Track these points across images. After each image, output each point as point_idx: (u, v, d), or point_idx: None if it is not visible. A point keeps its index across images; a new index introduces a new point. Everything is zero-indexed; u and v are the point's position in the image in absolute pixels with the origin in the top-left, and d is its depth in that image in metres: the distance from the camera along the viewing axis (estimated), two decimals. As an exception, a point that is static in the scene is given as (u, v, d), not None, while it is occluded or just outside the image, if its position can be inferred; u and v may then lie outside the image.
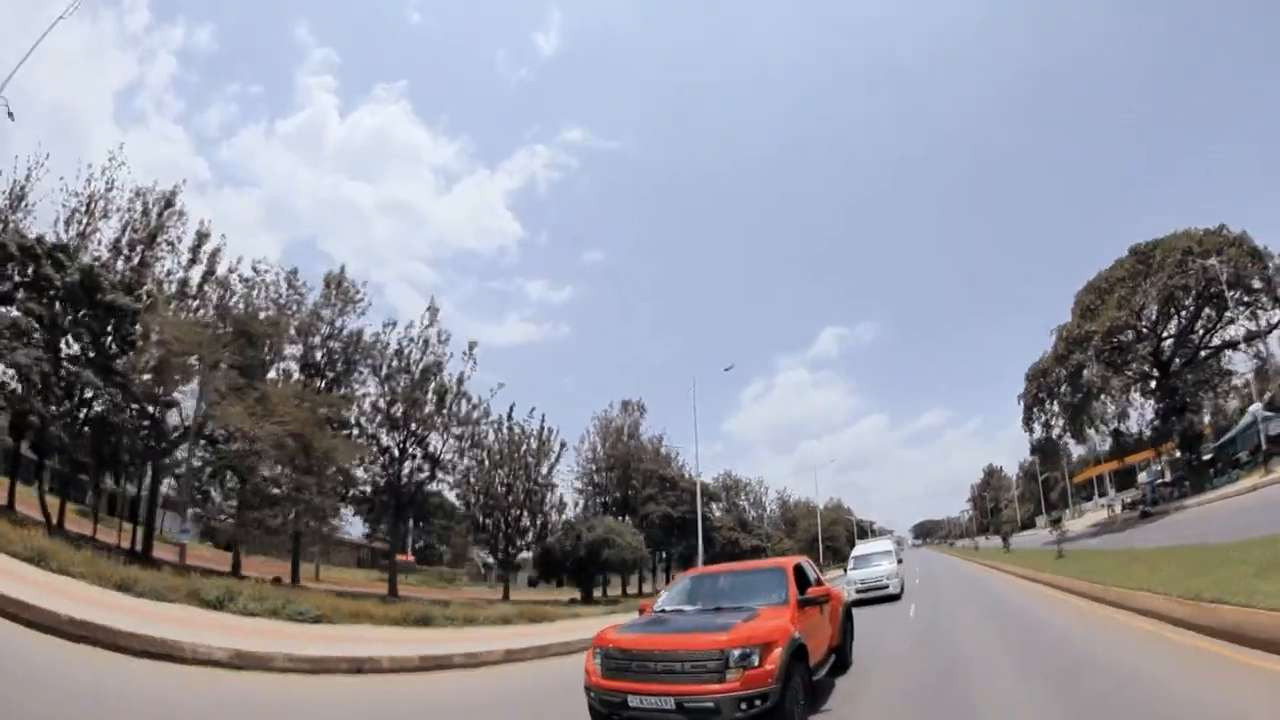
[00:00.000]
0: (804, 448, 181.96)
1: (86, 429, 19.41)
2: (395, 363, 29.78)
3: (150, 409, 20.00)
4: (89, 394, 19.48)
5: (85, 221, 25.87)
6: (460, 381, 30.94)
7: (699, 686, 5.44)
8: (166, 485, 24.30)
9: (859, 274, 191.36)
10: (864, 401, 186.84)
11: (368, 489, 29.62)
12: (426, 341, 30.60)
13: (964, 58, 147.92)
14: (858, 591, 20.08)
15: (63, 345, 19.71)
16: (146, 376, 19.02)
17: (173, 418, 22.10)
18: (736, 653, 5.46)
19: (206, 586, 11.18)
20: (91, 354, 19.09)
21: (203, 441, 20.13)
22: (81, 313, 19.46)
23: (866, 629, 11.07)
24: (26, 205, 24.93)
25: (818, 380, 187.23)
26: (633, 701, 5.58)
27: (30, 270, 19.93)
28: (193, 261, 27.27)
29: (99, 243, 25.97)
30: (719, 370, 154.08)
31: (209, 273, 26.77)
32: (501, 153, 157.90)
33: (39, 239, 21.67)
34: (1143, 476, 59.23)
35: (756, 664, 5.46)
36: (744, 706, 5.32)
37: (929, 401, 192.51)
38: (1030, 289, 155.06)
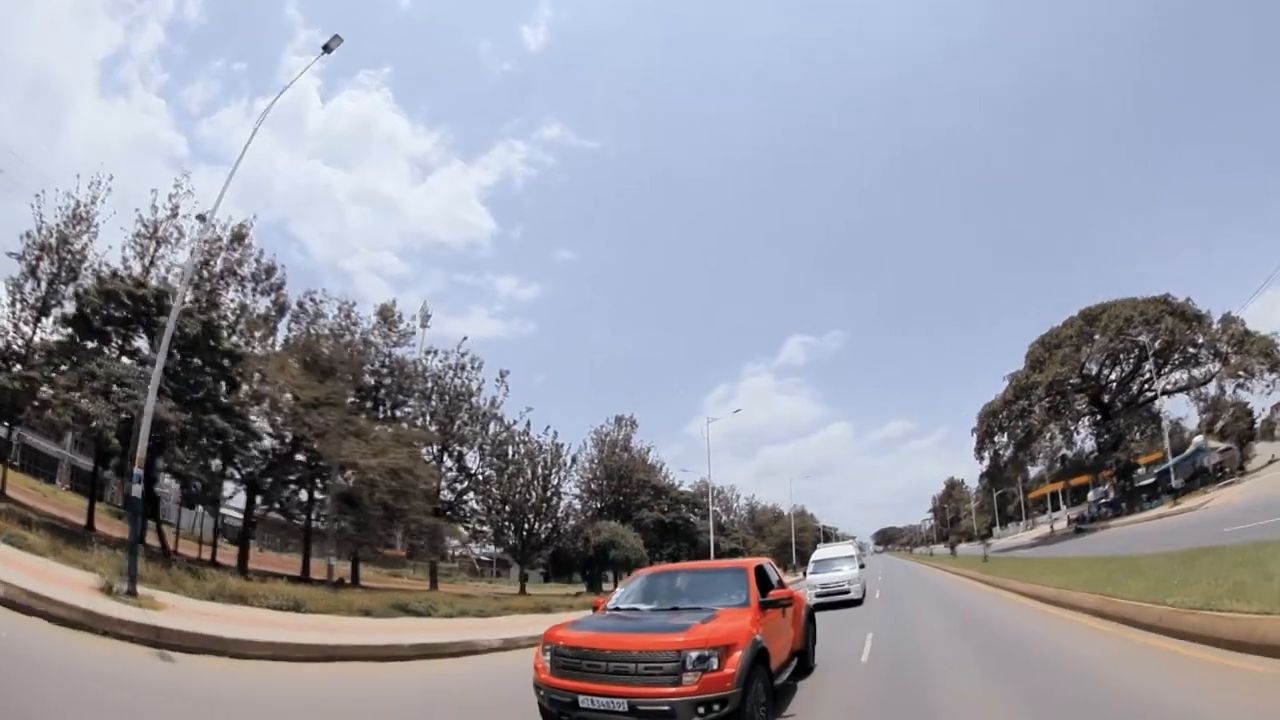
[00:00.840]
0: (766, 453, 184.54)
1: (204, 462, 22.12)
2: (434, 386, 33.95)
3: (250, 440, 23.57)
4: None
5: (153, 249, 27.44)
6: (494, 404, 35.58)
7: (654, 689, 5.28)
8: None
9: (830, 283, 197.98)
10: (829, 410, 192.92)
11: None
12: (462, 367, 34.86)
13: (946, 71, 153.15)
14: (817, 596, 20.17)
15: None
16: (253, 415, 22.69)
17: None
18: (694, 654, 5.33)
19: (409, 600, 15.76)
20: (211, 398, 21.84)
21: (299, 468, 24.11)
22: (197, 360, 21.99)
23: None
24: (92, 229, 26.00)
25: (783, 387, 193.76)
26: (583, 702, 5.44)
27: (131, 313, 21.78)
28: (257, 291, 30.82)
29: (166, 270, 27.43)
30: (682, 373, 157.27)
31: (278, 306, 30.38)
32: (479, 146, 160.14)
33: (140, 282, 23.23)
34: (1091, 495, 66.03)
35: (716, 667, 5.32)
36: (702, 710, 5.18)
37: (894, 411, 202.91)
38: (1001, 304, 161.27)
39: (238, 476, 24.28)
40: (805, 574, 24.46)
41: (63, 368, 20.07)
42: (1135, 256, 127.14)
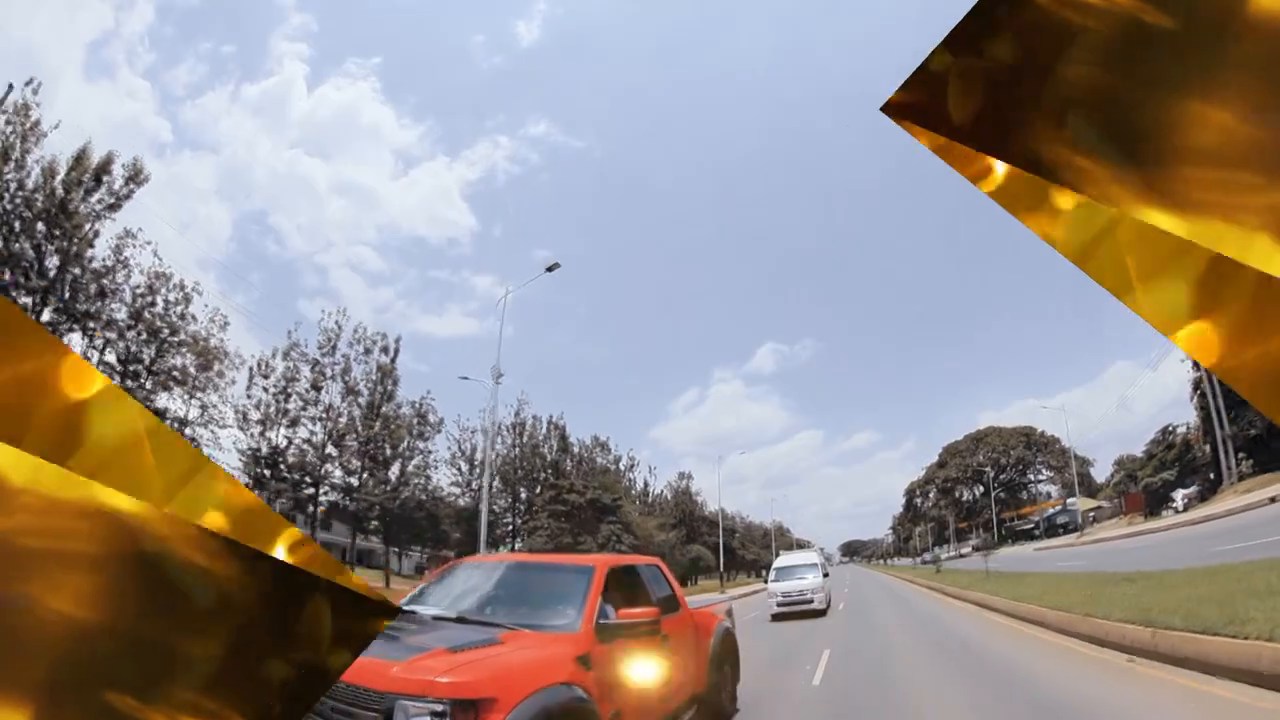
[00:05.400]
0: (733, 460, 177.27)
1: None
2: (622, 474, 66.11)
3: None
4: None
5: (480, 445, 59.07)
6: (646, 482, 67.86)
7: None
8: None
9: (805, 291, 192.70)
10: (798, 418, 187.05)
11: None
12: (634, 463, 67.06)
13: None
14: (779, 605, 19.81)
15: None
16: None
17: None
18: (411, 706, 3.03)
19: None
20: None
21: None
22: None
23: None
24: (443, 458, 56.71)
25: (753, 394, 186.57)
26: None
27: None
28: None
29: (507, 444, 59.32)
30: (650, 376, 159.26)
31: (568, 456, 61.16)
32: (464, 141, 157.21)
33: (571, 486, 54.83)
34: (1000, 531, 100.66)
35: None
36: None
37: (863, 422, 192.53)
38: (973, 323, 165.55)
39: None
40: (767, 582, 23.79)
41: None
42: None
